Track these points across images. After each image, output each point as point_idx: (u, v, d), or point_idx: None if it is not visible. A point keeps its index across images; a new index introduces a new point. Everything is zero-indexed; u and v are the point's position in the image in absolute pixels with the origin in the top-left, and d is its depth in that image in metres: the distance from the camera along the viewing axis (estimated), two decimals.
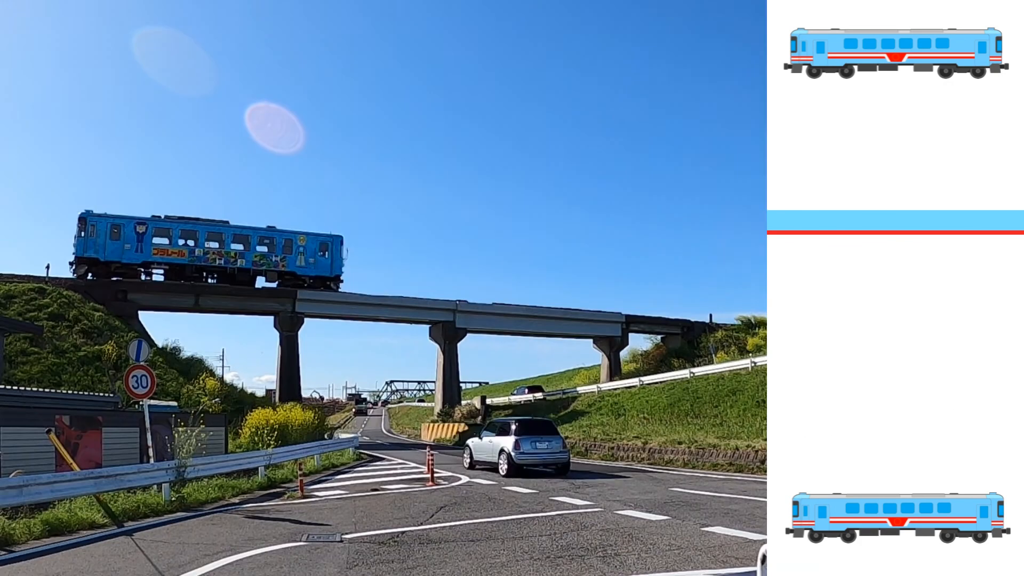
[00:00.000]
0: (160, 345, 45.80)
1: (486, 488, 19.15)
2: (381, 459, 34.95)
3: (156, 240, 52.67)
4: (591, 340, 71.93)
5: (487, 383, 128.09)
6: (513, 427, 24.60)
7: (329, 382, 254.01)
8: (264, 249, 56.71)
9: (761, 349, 53.17)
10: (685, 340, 69.45)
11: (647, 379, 51.86)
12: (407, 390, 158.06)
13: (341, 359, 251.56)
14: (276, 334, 57.58)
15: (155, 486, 16.36)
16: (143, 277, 53.08)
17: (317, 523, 13.09)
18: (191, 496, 16.60)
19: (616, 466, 28.04)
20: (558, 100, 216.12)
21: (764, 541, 3.14)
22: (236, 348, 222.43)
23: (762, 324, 65.43)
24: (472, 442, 27.14)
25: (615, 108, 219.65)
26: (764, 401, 33.66)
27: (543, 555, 9.48)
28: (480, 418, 61.03)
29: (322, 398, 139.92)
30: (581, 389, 60.02)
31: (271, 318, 57.21)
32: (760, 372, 39.95)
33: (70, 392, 26.19)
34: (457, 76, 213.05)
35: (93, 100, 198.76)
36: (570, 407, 53.64)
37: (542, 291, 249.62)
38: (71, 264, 51.58)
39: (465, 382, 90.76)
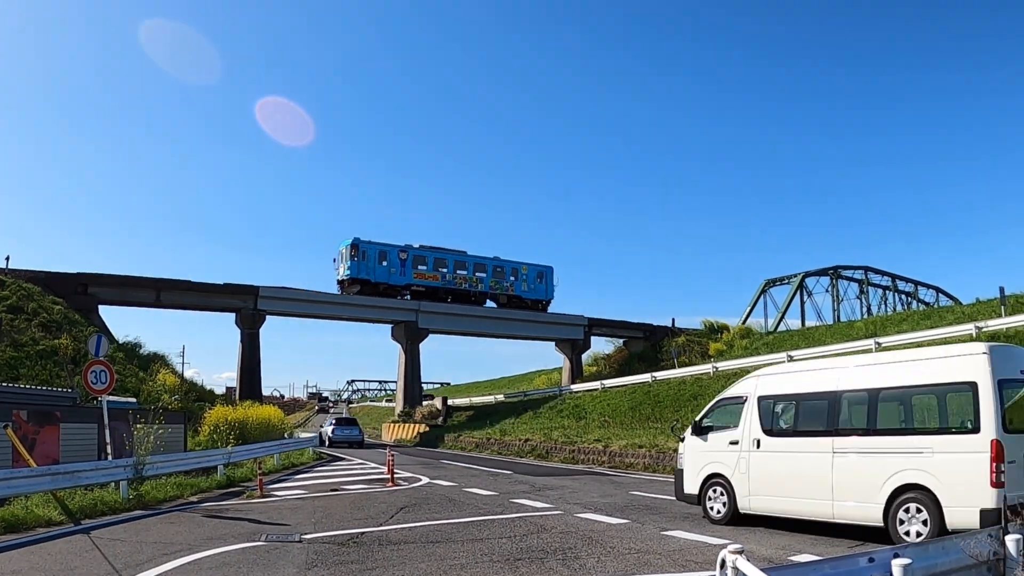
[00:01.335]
0: (120, 340, 45.26)
1: (446, 489, 19.19)
2: (341, 459, 34.82)
3: (417, 267, 63.36)
4: (553, 343, 72.18)
5: (449, 384, 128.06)
6: (334, 421, 52.11)
7: (290, 380, 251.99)
8: (497, 277, 67.65)
9: (724, 354, 53.66)
10: (648, 344, 69.89)
11: (609, 382, 52.12)
12: (368, 390, 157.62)
13: (302, 358, 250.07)
14: (237, 331, 57.27)
15: (113, 483, 16.26)
16: (405, 296, 63.28)
17: (276, 523, 13.08)
18: (149, 494, 16.50)
19: (577, 469, 28.12)
20: (520, 115, 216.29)
21: (723, 545, 3.22)
22: (197, 345, 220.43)
23: (725, 329, 66.03)
24: (322, 430, 48.61)
25: (580, 126, 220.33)
26: None
27: (503, 557, 9.55)
28: (441, 419, 60.97)
29: (283, 396, 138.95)
30: (543, 391, 60.19)
31: (233, 315, 56.87)
32: (722, 377, 40.30)
33: (28, 386, 25.83)
34: (415, 92, 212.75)
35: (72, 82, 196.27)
36: (531, 409, 53.73)
37: None
38: (342, 283, 61.37)
39: (427, 383, 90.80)
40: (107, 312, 50.70)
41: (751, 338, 59.97)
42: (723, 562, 4.66)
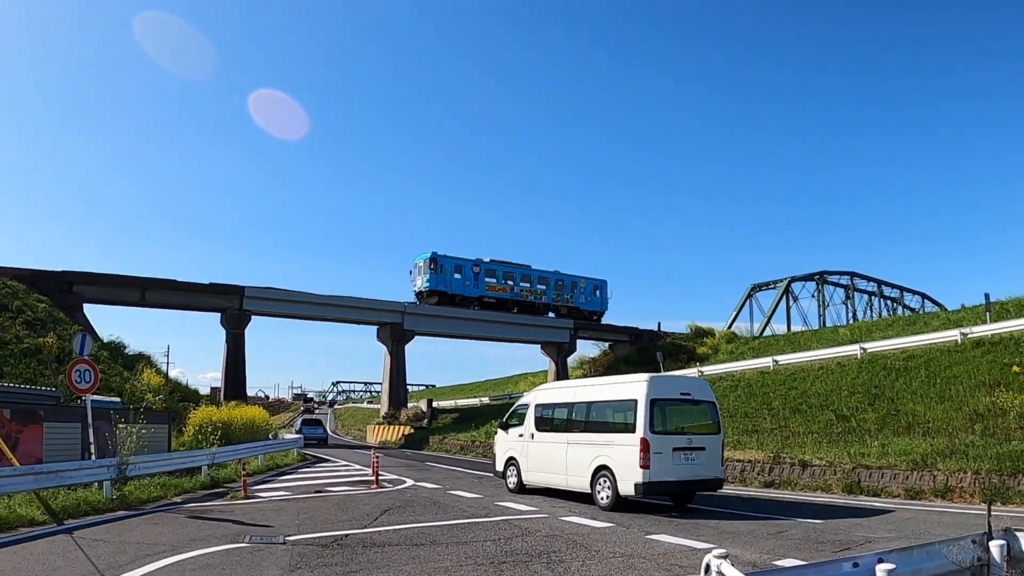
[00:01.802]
0: (104, 339, 45.00)
1: (431, 492, 19.18)
2: (326, 460, 34.75)
3: (488, 279, 67.14)
4: (539, 346, 72.20)
5: (434, 386, 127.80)
6: (300, 420, 56.74)
7: (275, 381, 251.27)
8: (559, 289, 71.59)
9: (709, 359, 53.80)
10: (634, 348, 69.97)
11: None
12: (353, 391, 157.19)
13: (287, 358, 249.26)
14: (223, 331, 57.06)
15: (96, 483, 16.18)
16: (475, 308, 66.35)
17: (260, 524, 13.03)
18: (132, 494, 16.43)
19: None
20: (508, 117, 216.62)
21: (708, 549, 3.23)
22: (182, 344, 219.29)
23: (710, 334, 66.18)
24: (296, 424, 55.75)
25: (567, 128, 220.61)
26: None
27: (487, 560, 9.54)
28: (426, 421, 60.92)
29: (267, 397, 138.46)
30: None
31: (218, 315, 56.67)
32: (707, 381, 40.32)
33: (11, 385, 25.64)
34: (414, 89, 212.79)
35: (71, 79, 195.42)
36: None
37: None
38: (420, 294, 64.65)
39: (412, 384, 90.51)
40: (92, 311, 50.45)
41: (737, 342, 60.17)
42: (707, 566, 4.66)
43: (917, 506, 16.35)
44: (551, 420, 18.81)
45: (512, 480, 19.57)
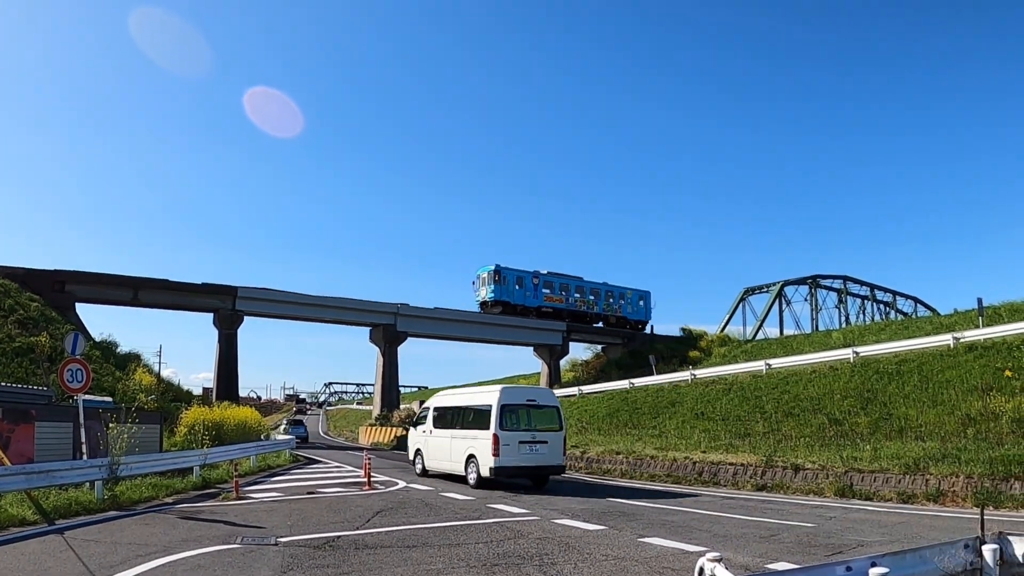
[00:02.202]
0: (96, 339, 44.94)
1: (423, 494, 19.15)
2: (318, 462, 34.71)
3: (545, 290, 70.68)
4: (532, 348, 72.21)
5: (427, 387, 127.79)
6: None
7: (267, 382, 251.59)
8: (609, 300, 75.50)
9: (702, 362, 53.84)
10: (626, 351, 70.08)
11: (587, 388, 52.16)
12: (346, 392, 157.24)
13: (280, 359, 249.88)
14: (215, 331, 57.01)
15: (88, 483, 16.14)
16: (534, 317, 69.77)
17: (252, 525, 13.00)
18: (124, 495, 16.39)
19: None
20: (505, 118, 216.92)
21: (700, 553, 3.22)
22: (174, 344, 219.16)
23: (703, 337, 66.27)
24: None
25: (562, 129, 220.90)
26: (703, 413, 34.19)
27: (479, 562, 9.52)
28: None
29: (260, 398, 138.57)
30: None
31: (211, 315, 56.63)
32: (700, 384, 40.41)
33: (3, 384, 25.55)
34: (408, 89, 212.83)
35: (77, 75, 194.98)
36: None
37: None
38: (484, 303, 68.27)
39: (404, 386, 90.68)
40: (84, 310, 50.46)
41: (729, 346, 60.28)
42: (701, 570, 4.65)
43: (910, 510, 16.36)
44: (443, 420, 24.76)
45: (418, 466, 25.89)
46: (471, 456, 21.83)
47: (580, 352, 75.75)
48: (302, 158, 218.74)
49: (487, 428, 21.13)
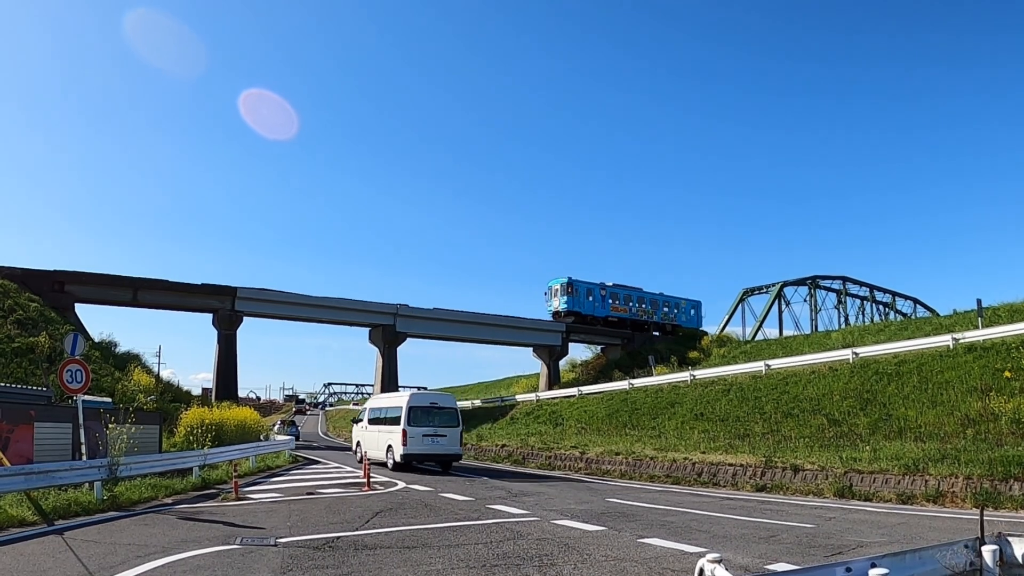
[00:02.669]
0: (96, 339, 44.93)
1: (422, 494, 19.14)
2: (317, 462, 34.71)
3: (611, 301, 72.30)
4: (531, 348, 72.16)
5: (426, 388, 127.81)
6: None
7: (266, 382, 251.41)
8: (666, 309, 77.14)
9: (701, 362, 53.83)
10: (625, 351, 69.98)
11: (586, 389, 52.17)
12: (345, 393, 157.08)
13: (279, 359, 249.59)
14: (214, 332, 57.01)
15: (87, 484, 16.13)
16: (600, 326, 71.55)
17: (251, 526, 12.99)
18: (123, 495, 16.38)
19: (553, 475, 28.16)
20: (506, 114, 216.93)
21: (700, 553, 3.21)
22: (173, 345, 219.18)
23: (702, 337, 66.27)
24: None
25: (563, 126, 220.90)
26: (703, 414, 34.21)
27: (479, 563, 9.52)
28: None
29: (259, 398, 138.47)
30: (520, 397, 60.23)
31: (210, 316, 56.63)
32: (699, 385, 40.44)
33: (2, 384, 25.56)
34: (408, 86, 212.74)
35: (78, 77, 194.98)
36: (508, 415, 53.74)
37: (484, 298, 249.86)
38: (557, 313, 70.00)
39: (403, 386, 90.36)
40: (83, 310, 50.46)
41: (729, 346, 60.27)
42: (701, 571, 4.65)
43: (909, 511, 16.37)
44: (375, 418, 32.11)
45: (358, 455, 33.25)
46: (390, 446, 28.96)
47: (580, 352, 75.78)
48: (301, 157, 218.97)
49: (399, 425, 28.27)
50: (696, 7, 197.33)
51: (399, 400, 30.06)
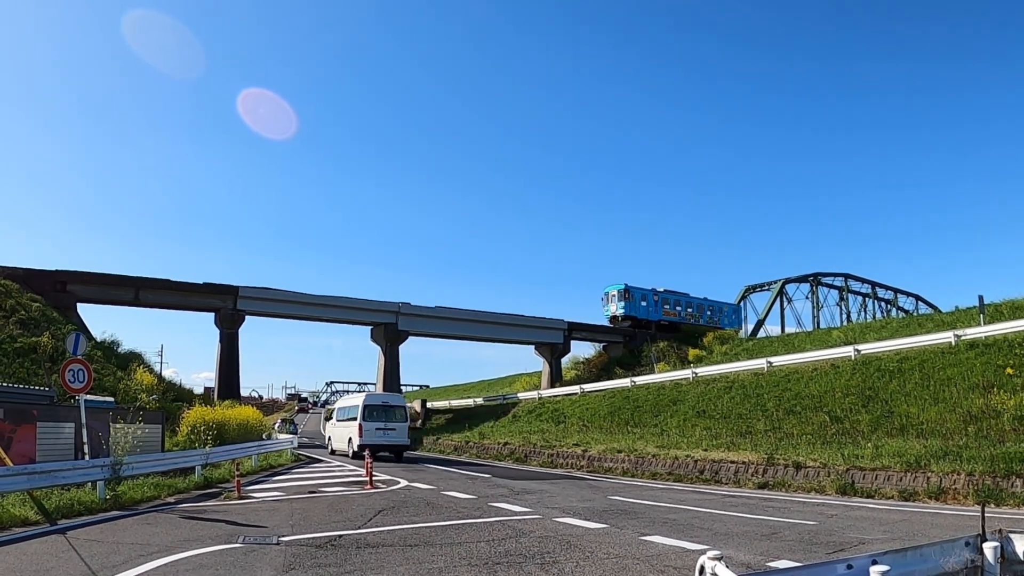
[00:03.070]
0: (98, 339, 44.96)
1: (425, 493, 19.16)
2: (320, 461, 34.75)
3: (664, 306, 75.41)
4: (533, 346, 72.20)
5: (428, 386, 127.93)
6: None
7: (269, 381, 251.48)
8: (710, 313, 79.58)
9: (702, 360, 53.80)
10: (627, 349, 70.02)
11: (588, 387, 52.20)
12: (347, 391, 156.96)
13: (281, 358, 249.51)
14: (216, 331, 57.04)
15: (90, 483, 16.14)
16: (654, 331, 73.54)
17: (254, 525, 13.01)
18: (126, 495, 16.39)
19: (555, 473, 28.15)
20: (507, 111, 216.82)
21: (702, 551, 3.21)
22: (176, 344, 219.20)
23: (704, 334, 66.26)
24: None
25: (564, 123, 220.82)
26: (705, 412, 34.20)
27: (481, 561, 9.53)
28: (420, 422, 60.96)
29: (261, 397, 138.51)
30: (522, 395, 60.28)
31: (212, 315, 56.65)
32: (701, 382, 40.44)
33: (4, 384, 25.55)
34: (409, 84, 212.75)
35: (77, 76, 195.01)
36: (510, 413, 53.77)
37: (486, 296, 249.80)
38: (615, 318, 73.08)
39: (406, 385, 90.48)
40: (85, 310, 50.48)
41: (731, 344, 60.21)
42: (702, 568, 4.65)
43: (911, 508, 16.37)
44: (340, 416, 40.10)
45: (329, 448, 41.84)
46: (350, 438, 36.57)
47: (582, 350, 75.86)
48: (303, 156, 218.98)
49: (355, 420, 35.87)
50: (697, 5, 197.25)
51: (357, 399, 38.43)
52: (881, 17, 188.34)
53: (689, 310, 78.33)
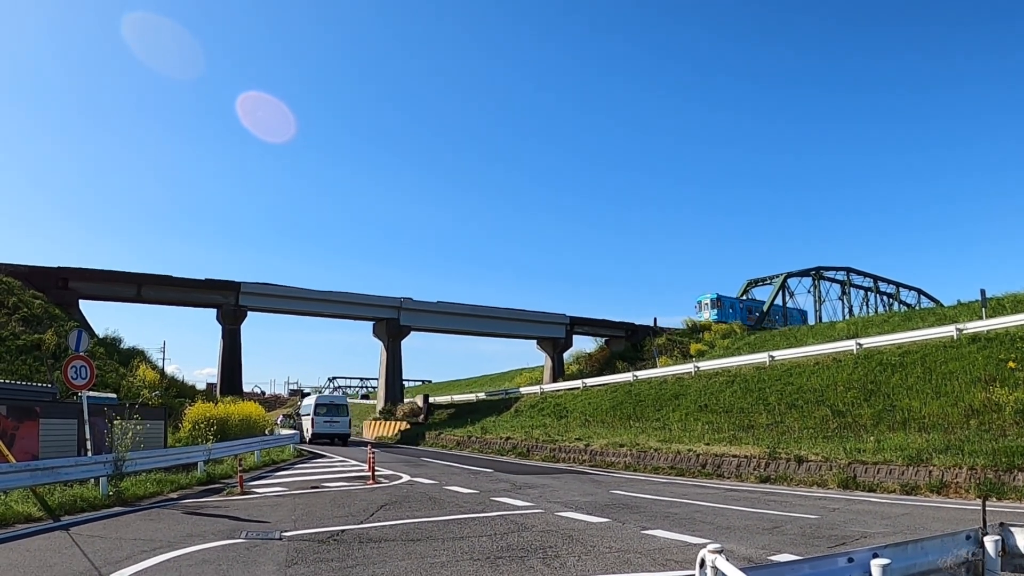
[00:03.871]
0: (100, 335, 45.00)
1: (427, 487, 19.18)
2: (322, 456, 34.78)
3: (747, 313, 76.70)
4: (535, 341, 72.20)
5: (430, 381, 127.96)
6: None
7: (271, 377, 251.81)
8: (781, 318, 79.46)
9: (705, 354, 53.80)
10: (629, 343, 69.99)
11: (590, 381, 52.20)
12: (349, 387, 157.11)
13: (283, 354, 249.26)
14: (219, 327, 57.09)
15: (92, 480, 16.18)
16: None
17: (256, 520, 13.03)
18: (129, 490, 16.43)
19: (558, 467, 28.17)
20: (506, 106, 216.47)
21: (704, 545, 3.21)
22: (178, 340, 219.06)
23: (707, 329, 66.22)
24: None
25: (565, 117, 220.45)
26: (707, 406, 34.21)
27: (483, 555, 9.54)
28: (422, 417, 61.01)
29: (263, 393, 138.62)
30: (524, 390, 60.28)
31: (214, 311, 56.70)
32: (703, 377, 40.44)
33: (7, 381, 25.60)
34: (409, 80, 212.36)
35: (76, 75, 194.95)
36: (512, 407, 53.79)
37: (487, 291, 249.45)
38: (709, 324, 71.37)
39: (408, 380, 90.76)
40: (87, 306, 50.55)
41: (732, 338, 60.18)
42: (703, 561, 4.66)
43: (913, 501, 16.37)
44: (303, 411, 55.63)
45: (307, 438, 48.47)
46: (307, 428, 49.52)
47: (584, 345, 75.82)
48: (304, 153, 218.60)
49: (310, 415, 50.01)
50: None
51: (312, 399, 54.46)
52: (884, 10, 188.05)
53: (764, 315, 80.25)
